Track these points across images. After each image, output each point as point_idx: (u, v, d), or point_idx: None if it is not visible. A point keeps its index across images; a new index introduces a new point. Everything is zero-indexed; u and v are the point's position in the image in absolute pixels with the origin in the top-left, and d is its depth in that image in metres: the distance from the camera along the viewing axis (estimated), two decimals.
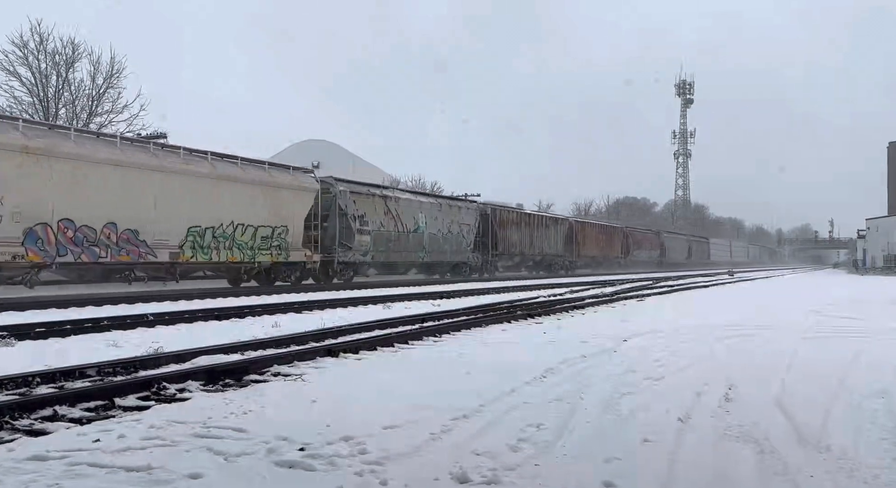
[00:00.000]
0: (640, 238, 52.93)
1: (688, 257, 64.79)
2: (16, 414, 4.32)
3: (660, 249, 56.82)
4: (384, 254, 23.66)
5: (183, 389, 5.26)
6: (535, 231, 35.01)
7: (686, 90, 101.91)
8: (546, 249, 36.12)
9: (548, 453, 3.60)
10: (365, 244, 22.25)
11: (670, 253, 58.82)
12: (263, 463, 3.40)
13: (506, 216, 32.69)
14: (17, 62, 25.26)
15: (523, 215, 35.14)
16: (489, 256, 30.65)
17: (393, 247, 23.98)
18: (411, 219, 25.01)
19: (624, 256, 48.10)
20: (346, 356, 6.91)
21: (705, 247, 73.37)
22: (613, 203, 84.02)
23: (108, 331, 8.90)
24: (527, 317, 11.17)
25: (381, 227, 23.18)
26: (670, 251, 59.00)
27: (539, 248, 35.32)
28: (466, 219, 28.99)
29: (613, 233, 47.23)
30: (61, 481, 3.10)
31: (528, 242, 34.22)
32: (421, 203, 26.29)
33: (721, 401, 4.84)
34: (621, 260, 47.59)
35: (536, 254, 35.24)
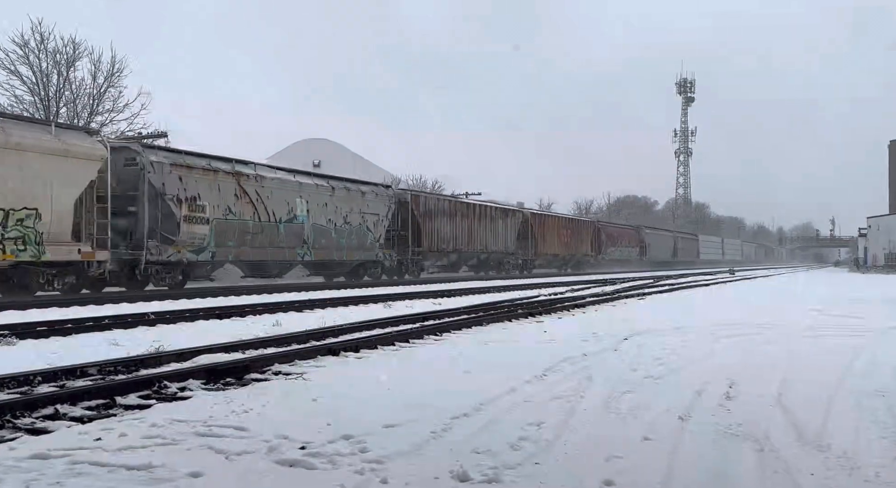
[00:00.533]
0: (615, 233, 47.80)
1: (673, 255, 60.09)
2: (17, 413, 4.32)
3: (639, 246, 51.96)
4: (237, 251, 18.05)
5: (184, 388, 5.27)
6: (477, 224, 30.05)
7: (687, 88, 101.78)
8: (492, 246, 31.36)
9: (548, 451, 3.61)
10: (200, 237, 16.72)
11: (652, 250, 53.79)
12: (264, 462, 3.40)
13: (433, 205, 27.31)
14: (17, 61, 25.31)
15: (459, 204, 29.73)
16: (409, 254, 25.52)
17: (253, 242, 18.39)
18: (283, 205, 19.41)
19: (595, 254, 43.25)
20: (347, 354, 6.92)
21: (694, 245, 68.07)
22: (614, 202, 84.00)
23: (109, 329, 8.92)
24: (528, 315, 11.18)
25: (228, 215, 17.51)
26: (652, 248, 53.96)
27: (483, 245, 30.47)
28: (374, 207, 23.25)
29: (582, 228, 42.25)
30: (63, 480, 3.11)
31: (467, 237, 29.18)
32: (301, 184, 20.31)
33: (721, 400, 4.84)
34: (592, 258, 42.81)
35: (479, 251, 30.43)
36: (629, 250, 49.91)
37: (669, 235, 61.76)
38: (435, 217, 27.13)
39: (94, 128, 17.88)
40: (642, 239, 52.78)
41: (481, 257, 31.40)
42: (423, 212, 26.48)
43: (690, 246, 66.84)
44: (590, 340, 7.92)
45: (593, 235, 43.28)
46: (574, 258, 41.36)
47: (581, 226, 42.63)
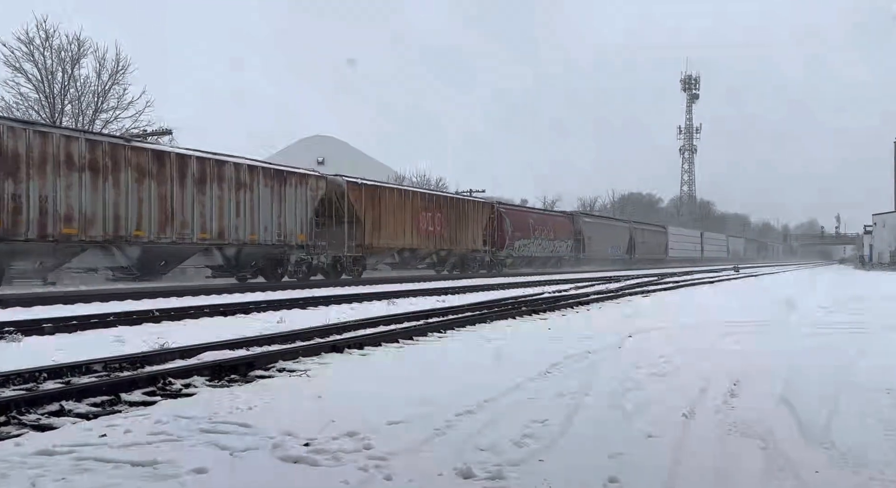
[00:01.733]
0: (529, 221, 35.49)
1: (629, 251, 49.11)
2: (23, 410, 4.34)
3: (574, 239, 40.96)
4: None
5: (188, 384, 5.29)
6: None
7: (692, 85, 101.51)
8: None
9: (552, 448, 3.61)
10: None
11: (595, 244, 43.33)
12: (268, 458, 3.41)
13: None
14: (22, 58, 25.36)
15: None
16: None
17: None
18: None
19: (492, 249, 31.37)
20: (351, 352, 6.93)
21: (660, 240, 56.15)
22: (619, 199, 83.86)
23: (113, 326, 8.95)
24: (531, 312, 11.17)
25: None
26: (595, 243, 43.38)
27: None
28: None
29: (468, 213, 29.38)
30: (68, 476, 3.12)
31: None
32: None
33: (725, 397, 4.83)
34: (481, 254, 30.57)
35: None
36: (555, 244, 38.42)
37: (623, 226, 50.43)
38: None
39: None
40: (579, 230, 41.78)
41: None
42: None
43: (655, 240, 55.17)
44: (593, 337, 7.91)
45: (488, 223, 31.11)
46: (452, 254, 28.68)
47: (465, 210, 29.26)
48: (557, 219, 40.51)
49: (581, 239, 41.98)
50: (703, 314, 11.13)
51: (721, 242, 79.02)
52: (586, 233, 42.75)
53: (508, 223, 33.23)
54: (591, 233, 43.47)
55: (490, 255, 31.02)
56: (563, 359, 6.30)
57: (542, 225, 37.15)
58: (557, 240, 38.87)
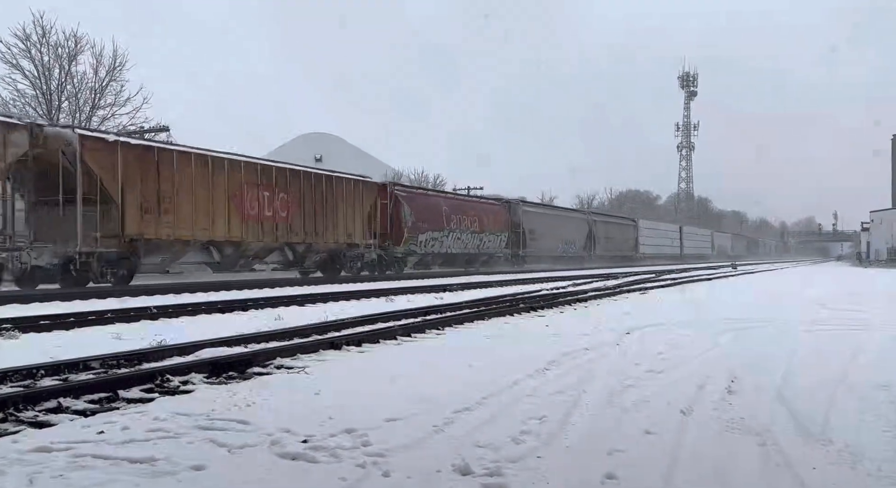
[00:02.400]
0: (430, 209, 27.22)
1: (588, 247, 42.61)
2: (20, 406, 4.33)
3: (510, 232, 33.50)
4: None
5: (186, 381, 5.28)
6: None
7: (689, 82, 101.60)
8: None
9: (550, 445, 3.61)
10: None
11: (538, 239, 35.97)
12: (266, 455, 3.41)
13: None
14: (19, 55, 25.28)
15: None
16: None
17: None
18: None
19: (392, 243, 25.05)
20: (350, 348, 6.93)
21: (628, 235, 49.28)
22: (616, 196, 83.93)
23: (111, 323, 8.94)
24: (529, 309, 11.17)
25: None
26: (539, 237, 35.93)
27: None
28: None
29: (342, 193, 22.20)
30: (66, 473, 3.12)
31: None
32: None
33: (723, 394, 4.84)
34: (363, 250, 23.48)
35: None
36: (484, 238, 30.93)
37: (579, 218, 43.04)
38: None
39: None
40: (517, 221, 34.20)
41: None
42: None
43: (621, 234, 48.10)
44: (591, 334, 7.92)
45: (375, 210, 23.89)
46: (313, 251, 21.24)
47: (334, 191, 21.90)
48: (487, 208, 32.27)
49: (521, 232, 34.41)
50: (701, 311, 11.14)
51: (704, 238, 72.38)
52: (528, 226, 35.18)
53: (407, 211, 25.62)
54: (535, 225, 35.97)
55: (377, 252, 24.23)
56: (561, 355, 6.30)
57: (463, 214, 29.46)
58: (487, 233, 31.39)
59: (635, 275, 26.83)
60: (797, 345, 7.27)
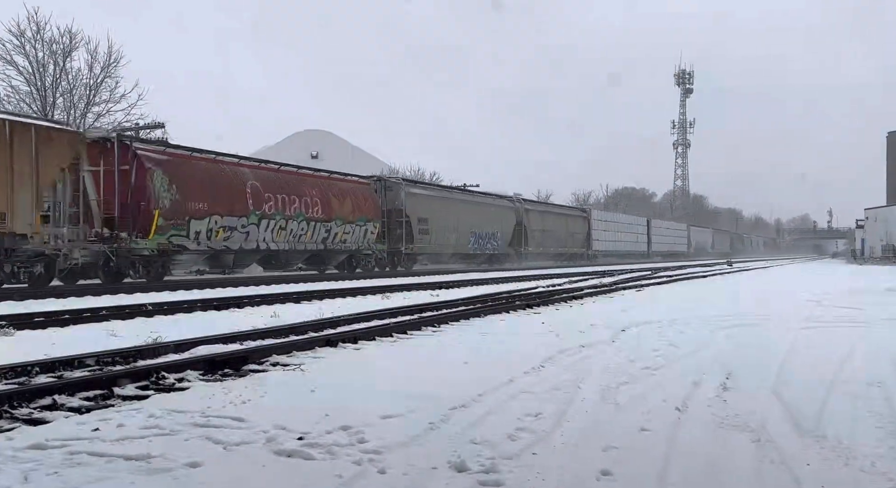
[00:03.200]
0: (219, 182, 18.06)
1: (520, 242, 34.21)
2: (15, 403, 4.32)
3: (381, 221, 24.57)
4: None
5: (182, 379, 5.27)
6: None
7: (685, 80, 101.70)
8: None
9: (546, 442, 3.62)
10: None
11: (435, 232, 27.61)
12: (262, 452, 3.41)
13: None
14: (14, 51, 25.15)
15: None
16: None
17: None
18: None
19: (137, 233, 15.67)
20: (346, 346, 6.92)
21: (576, 228, 40.51)
22: (612, 193, 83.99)
23: (106, 320, 8.92)
24: (525, 307, 11.19)
25: None
26: (436, 229, 27.65)
27: None
28: None
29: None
30: (61, 469, 3.11)
31: None
32: None
33: (718, 391, 4.86)
34: (32, 244, 13.10)
35: None
36: (335, 230, 21.91)
37: (503, 207, 33.29)
38: None
39: None
40: (399, 208, 25.55)
41: None
42: None
43: (565, 228, 39.15)
44: (587, 331, 7.93)
45: (83, 180, 14.45)
46: None
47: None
48: (342, 188, 22.92)
49: (404, 222, 25.68)
50: (697, 308, 11.17)
51: (679, 233, 64.51)
52: (418, 214, 26.29)
53: (160, 181, 16.31)
54: (429, 212, 27.32)
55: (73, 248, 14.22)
56: (557, 352, 6.31)
57: (294, 194, 20.49)
58: (341, 221, 22.17)
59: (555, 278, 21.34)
60: (792, 342, 7.30)
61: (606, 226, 47.33)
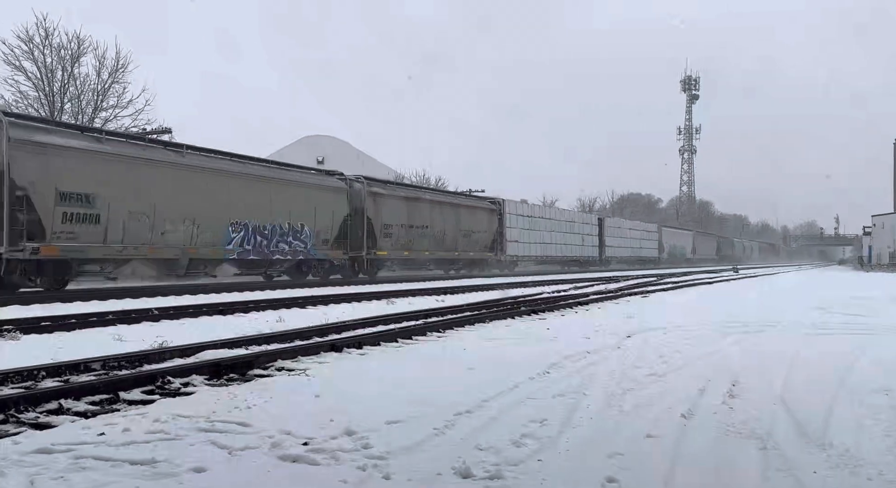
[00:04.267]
0: None
1: (340, 242, 21.74)
2: (21, 408, 4.34)
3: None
4: None
5: (187, 383, 5.29)
6: None
7: (692, 86, 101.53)
8: None
9: (551, 448, 3.61)
10: None
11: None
12: (267, 457, 3.41)
13: None
14: (22, 57, 25.32)
15: None
16: None
17: None
18: None
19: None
20: (350, 351, 6.93)
21: (476, 224, 29.99)
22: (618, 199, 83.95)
23: (112, 325, 8.95)
24: (530, 312, 11.17)
25: None
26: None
27: None
28: None
29: None
30: (66, 474, 3.12)
31: None
32: None
33: (724, 398, 4.84)
34: None
35: None
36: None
37: (329, 188, 21.74)
38: None
39: None
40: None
41: None
42: None
43: (459, 224, 28.60)
44: (592, 338, 7.92)
45: None
46: None
47: None
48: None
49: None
50: (703, 314, 11.13)
51: (648, 237, 52.63)
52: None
53: None
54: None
55: None
56: (562, 359, 6.30)
57: None
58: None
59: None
60: (798, 349, 7.27)
61: (528, 223, 35.03)
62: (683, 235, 64.64)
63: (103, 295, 13.25)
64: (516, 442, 3.69)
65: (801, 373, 5.86)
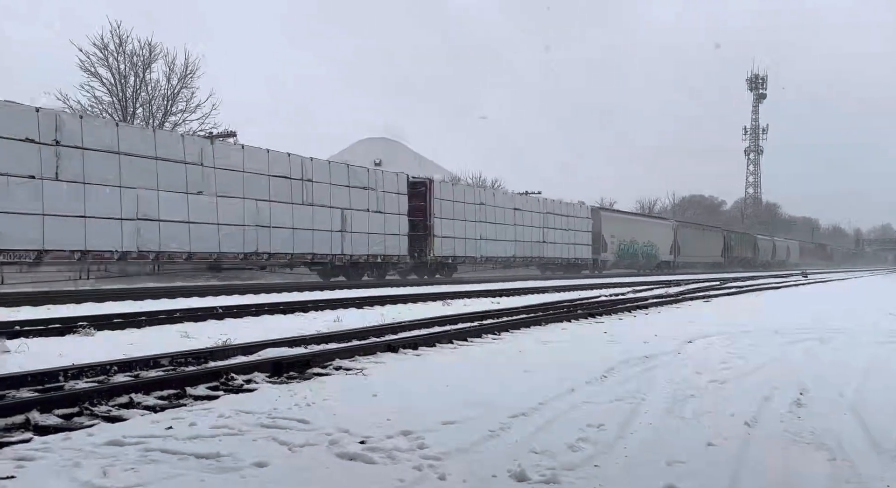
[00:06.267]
0: None
1: None
2: (95, 401, 4.55)
3: None
4: None
5: (250, 380, 5.44)
6: None
7: (759, 85, 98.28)
8: None
9: (608, 454, 3.56)
10: None
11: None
12: (326, 454, 3.48)
13: None
14: (98, 63, 26.53)
15: None
16: None
17: None
18: None
19: None
20: (406, 351, 6.99)
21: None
22: (679, 201, 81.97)
23: (180, 322, 9.28)
24: (587, 316, 11.03)
25: None
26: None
27: None
28: None
29: None
30: (137, 466, 3.26)
31: None
32: None
33: (791, 406, 4.67)
34: None
35: None
36: None
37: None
38: None
39: None
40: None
41: None
42: None
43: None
44: (651, 342, 7.76)
45: None
46: None
47: None
48: None
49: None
50: (767, 320, 10.77)
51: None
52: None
53: None
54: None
55: None
56: (620, 363, 6.20)
57: None
58: None
59: None
60: (872, 358, 6.95)
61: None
62: (659, 228, 45.91)
63: (172, 293, 13.75)
64: (572, 446, 3.65)
65: (874, 383, 5.59)
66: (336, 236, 21.01)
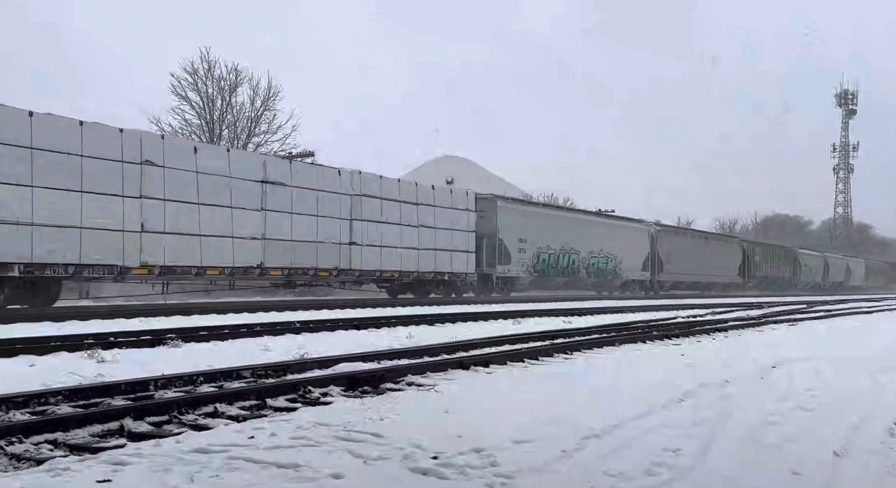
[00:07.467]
0: None
1: None
2: (182, 410, 4.77)
3: None
4: None
5: (326, 393, 5.58)
6: None
7: (848, 100, 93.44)
8: None
9: (685, 479, 3.47)
10: None
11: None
12: (399, 468, 3.54)
13: None
14: (188, 87, 28.00)
15: None
16: None
17: None
18: None
19: None
20: (477, 369, 7.01)
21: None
22: (762, 220, 78.77)
23: (260, 336, 9.62)
24: (663, 337, 10.75)
25: None
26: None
27: None
28: None
29: None
30: (221, 474, 3.40)
31: None
32: None
33: (884, 436, 4.43)
34: None
35: None
36: None
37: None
38: None
39: None
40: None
41: None
42: None
43: None
44: (731, 365, 7.50)
45: None
46: None
47: None
48: None
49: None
50: (858, 346, 10.21)
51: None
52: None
53: None
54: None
55: None
56: (698, 386, 6.02)
57: None
58: None
59: None
60: None
61: None
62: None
63: (253, 308, 14.26)
64: (648, 470, 3.58)
65: None
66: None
